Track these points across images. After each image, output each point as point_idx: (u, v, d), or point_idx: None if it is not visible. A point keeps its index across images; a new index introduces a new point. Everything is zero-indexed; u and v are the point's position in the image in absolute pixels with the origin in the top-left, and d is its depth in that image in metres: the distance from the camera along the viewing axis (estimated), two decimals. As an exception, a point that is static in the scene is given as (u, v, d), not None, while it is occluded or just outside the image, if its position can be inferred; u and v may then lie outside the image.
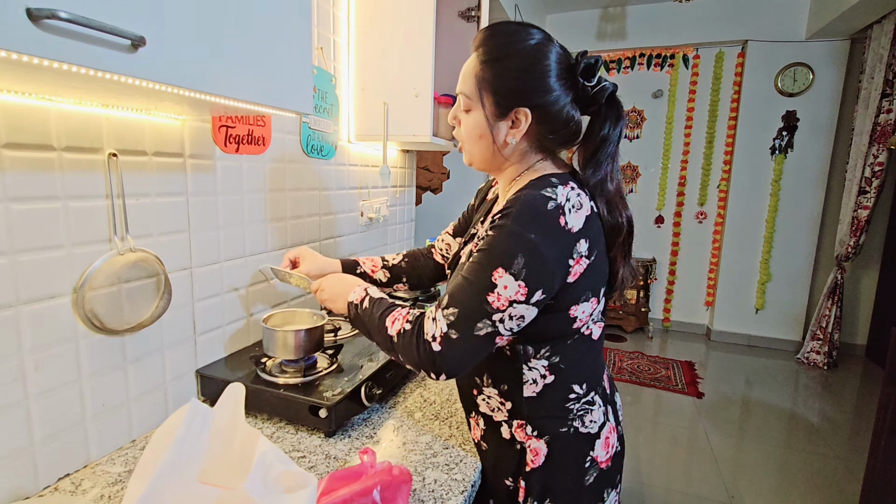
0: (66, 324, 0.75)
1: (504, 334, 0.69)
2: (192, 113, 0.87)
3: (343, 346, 1.12)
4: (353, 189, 1.54)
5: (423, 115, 1.39)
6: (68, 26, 0.43)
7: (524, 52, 0.71)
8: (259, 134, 1.10)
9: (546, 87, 0.71)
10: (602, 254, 0.73)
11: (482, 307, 0.67)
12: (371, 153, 1.61)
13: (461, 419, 1.00)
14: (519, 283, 0.65)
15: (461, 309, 0.68)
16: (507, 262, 0.65)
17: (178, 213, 0.93)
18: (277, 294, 1.24)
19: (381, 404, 1.05)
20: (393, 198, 1.81)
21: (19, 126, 0.67)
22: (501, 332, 0.68)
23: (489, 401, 0.82)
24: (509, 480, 0.82)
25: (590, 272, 0.71)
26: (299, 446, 0.88)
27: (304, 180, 1.29)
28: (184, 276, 0.95)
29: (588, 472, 0.79)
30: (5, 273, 0.67)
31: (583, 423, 0.79)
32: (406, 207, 1.95)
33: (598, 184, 0.74)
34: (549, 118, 0.73)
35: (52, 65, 0.44)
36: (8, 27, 0.39)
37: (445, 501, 0.75)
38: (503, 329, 0.68)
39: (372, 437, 0.92)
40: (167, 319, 0.91)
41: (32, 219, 0.69)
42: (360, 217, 1.59)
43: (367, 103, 1.45)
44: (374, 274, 1.10)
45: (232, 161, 1.04)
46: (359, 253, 1.62)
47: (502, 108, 0.73)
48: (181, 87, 0.57)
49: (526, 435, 0.79)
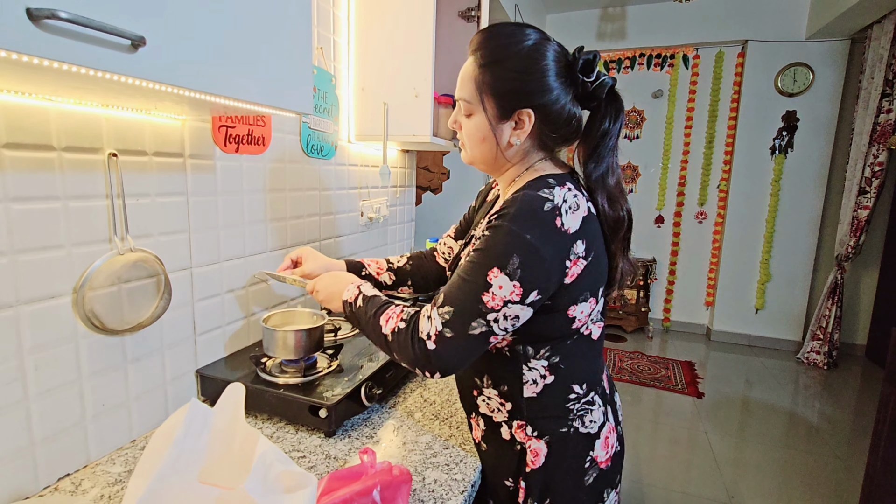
0: (66, 324, 0.75)
1: (498, 334, 0.69)
2: (192, 113, 0.87)
3: (343, 345, 1.12)
4: (353, 189, 1.54)
5: (423, 115, 1.40)
6: (68, 26, 0.43)
7: (522, 53, 0.71)
8: (259, 134, 1.10)
9: (546, 86, 0.71)
10: (601, 254, 0.73)
11: (477, 306, 0.67)
12: (371, 153, 1.61)
13: (461, 419, 1.00)
14: (514, 284, 0.65)
15: (456, 308, 0.68)
16: (503, 262, 0.66)
17: (178, 213, 0.93)
18: (277, 294, 1.24)
19: (381, 404, 1.05)
20: (393, 198, 1.81)
21: (19, 126, 0.67)
22: (496, 331, 0.68)
23: (489, 401, 0.82)
24: (509, 481, 0.82)
25: (588, 273, 0.71)
26: (299, 446, 0.88)
27: (304, 180, 1.29)
28: (184, 276, 0.95)
29: (588, 473, 0.79)
30: (5, 273, 0.67)
31: (583, 424, 0.79)
32: (406, 207, 1.95)
33: (599, 178, 0.74)
34: (551, 117, 0.73)
35: (52, 65, 0.44)
36: (8, 27, 0.39)
37: (445, 501, 0.75)
38: (497, 329, 0.68)
39: (372, 437, 0.92)
40: (167, 319, 0.91)
41: (32, 219, 0.69)
42: (360, 217, 1.59)
43: (367, 103, 1.45)
44: (380, 276, 1.10)
45: (232, 161, 1.04)
46: (359, 253, 1.62)
47: (505, 110, 0.73)
48: (181, 88, 0.57)
49: (526, 435, 0.79)
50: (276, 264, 1.21)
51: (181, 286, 0.95)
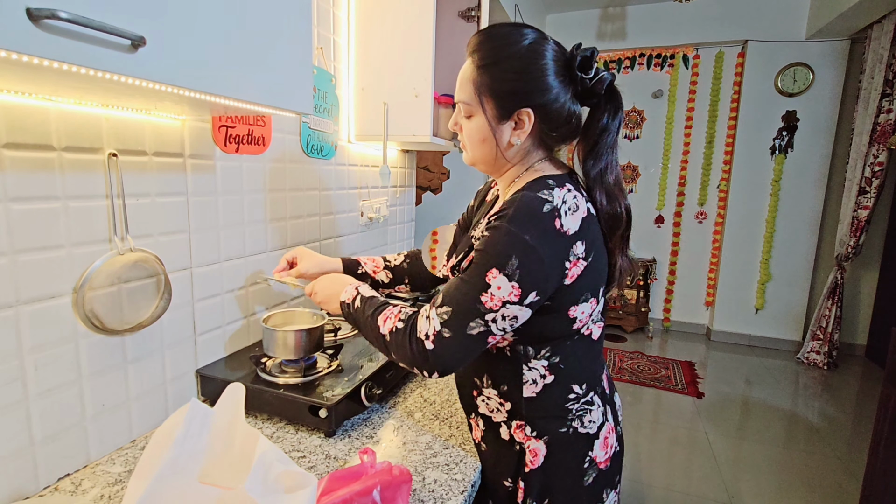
0: (67, 324, 0.75)
1: (496, 334, 0.69)
2: (193, 113, 0.87)
3: (343, 345, 1.12)
4: (353, 189, 1.54)
5: (424, 115, 1.40)
6: (68, 26, 0.43)
7: (520, 53, 0.71)
8: (259, 134, 1.10)
9: (545, 85, 0.71)
10: (601, 254, 0.73)
11: (475, 307, 0.67)
12: (371, 153, 1.61)
13: (461, 419, 1.00)
14: (512, 284, 0.66)
15: (454, 308, 0.68)
16: (502, 262, 0.66)
17: (178, 214, 0.93)
18: (277, 294, 1.24)
19: (380, 404, 1.05)
20: (393, 198, 1.81)
21: (19, 126, 0.67)
22: (494, 331, 0.69)
23: (488, 401, 0.82)
24: (508, 481, 0.82)
25: (588, 273, 0.71)
26: (299, 446, 0.88)
27: (304, 180, 1.29)
28: (184, 276, 0.95)
29: (587, 473, 0.79)
30: (5, 273, 0.67)
31: (582, 424, 0.79)
32: (406, 207, 1.95)
33: (598, 175, 0.74)
34: (550, 116, 0.73)
35: (51, 65, 0.44)
36: (8, 27, 0.39)
37: (445, 501, 0.75)
38: (496, 329, 0.68)
39: (372, 437, 0.92)
40: (167, 319, 0.91)
41: (32, 219, 0.69)
42: (360, 217, 1.59)
43: (367, 103, 1.45)
44: (376, 275, 1.10)
45: (232, 161, 1.04)
46: (359, 253, 1.62)
47: (504, 110, 0.73)
48: (181, 87, 0.57)
49: (525, 435, 0.79)
50: (276, 264, 1.21)
51: (181, 286, 0.95)
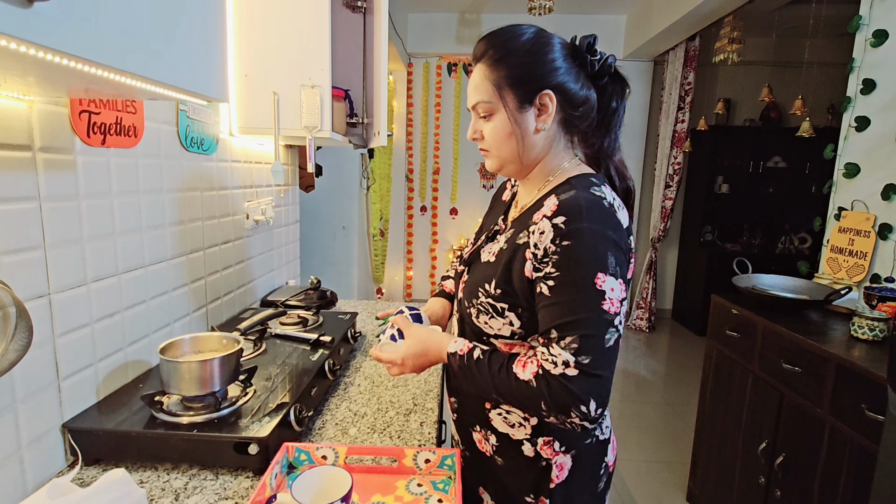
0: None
1: (621, 333, 0.68)
2: (43, 91, 0.67)
3: (256, 368, 0.98)
4: (238, 189, 1.35)
5: (322, 107, 1.29)
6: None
7: (528, 42, 0.73)
8: (129, 122, 0.89)
9: (559, 65, 0.73)
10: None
11: (602, 318, 0.64)
12: (255, 148, 1.44)
13: (399, 428, 0.96)
14: (619, 281, 0.66)
15: (582, 331, 0.64)
16: (604, 264, 0.65)
17: (28, 224, 0.70)
18: (161, 316, 1.03)
19: (309, 427, 0.95)
20: (277, 198, 1.64)
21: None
22: (621, 331, 0.67)
23: (507, 416, 0.78)
24: (530, 497, 0.79)
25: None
26: (226, 493, 0.75)
27: (183, 179, 1.09)
28: (40, 305, 0.73)
29: (601, 479, 0.81)
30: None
31: (601, 430, 0.80)
32: (291, 208, 1.79)
33: (608, 152, 0.79)
34: (569, 95, 0.74)
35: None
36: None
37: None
38: (622, 328, 0.67)
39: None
40: (19, 366, 0.69)
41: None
42: (246, 220, 1.41)
43: (251, 92, 1.28)
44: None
45: (98, 156, 0.83)
46: (249, 259, 1.44)
47: (526, 96, 0.73)
48: (85, 61, 0.43)
49: (553, 451, 0.77)
50: (157, 281, 1.00)
51: (37, 320, 0.72)
